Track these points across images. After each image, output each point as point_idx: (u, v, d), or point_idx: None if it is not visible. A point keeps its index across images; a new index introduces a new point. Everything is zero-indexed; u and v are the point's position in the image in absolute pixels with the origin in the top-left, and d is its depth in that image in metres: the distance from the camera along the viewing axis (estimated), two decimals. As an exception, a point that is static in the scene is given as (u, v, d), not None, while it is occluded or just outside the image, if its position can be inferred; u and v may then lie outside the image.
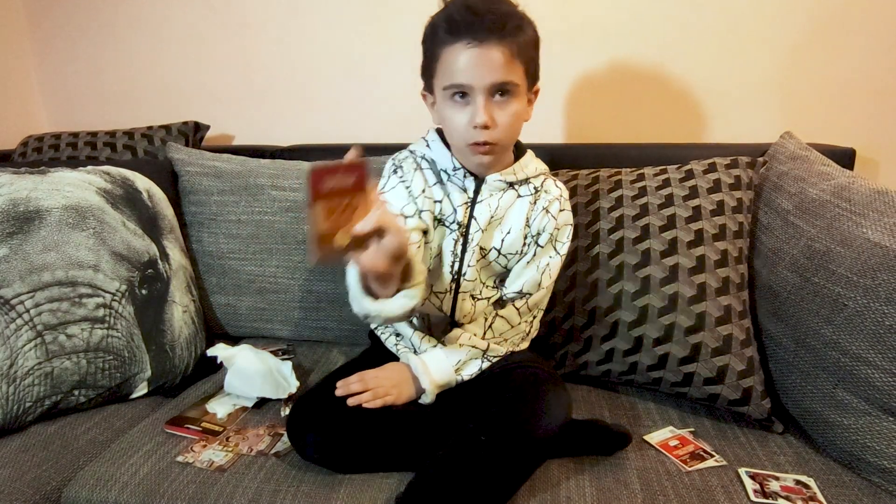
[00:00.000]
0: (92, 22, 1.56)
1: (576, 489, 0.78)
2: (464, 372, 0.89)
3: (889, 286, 0.77)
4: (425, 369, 0.88)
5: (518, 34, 0.80)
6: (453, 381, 0.89)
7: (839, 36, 1.21)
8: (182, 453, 0.86)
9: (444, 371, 0.89)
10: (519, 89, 0.82)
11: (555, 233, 0.91)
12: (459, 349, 0.89)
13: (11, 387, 0.92)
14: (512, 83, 0.81)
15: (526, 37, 0.81)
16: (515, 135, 0.88)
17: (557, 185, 0.95)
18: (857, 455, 0.80)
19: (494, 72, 0.79)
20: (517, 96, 0.82)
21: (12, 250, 0.95)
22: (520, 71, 0.81)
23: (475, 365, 0.90)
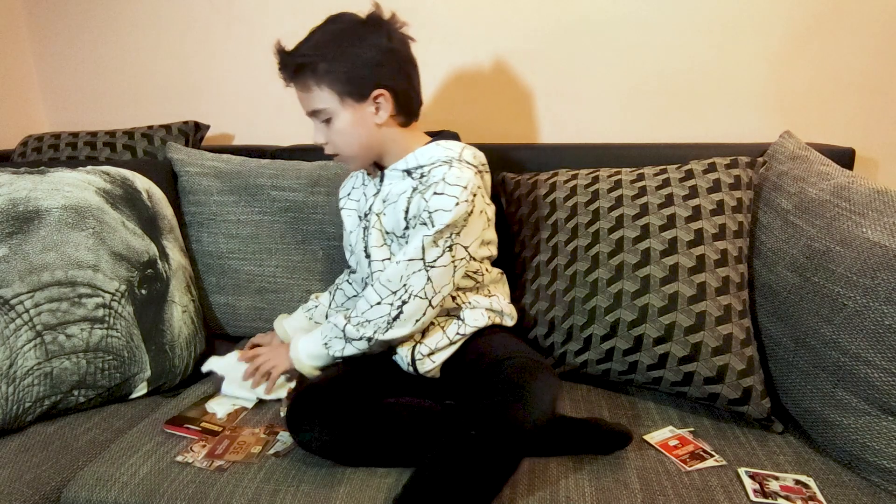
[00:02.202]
0: (92, 22, 1.56)
1: (575, 489, 0.78)
2: (332, 349, 0.94)
3: (889, 286, 0.77)
4: (295, 344, 0.97)
5: (305, 73, 0.90)
6: (324, 355, 0.95)
7: (839, 35, 1.21)
8: (182, 453, 0.86)
9: (311, 344, 0.96)
10: (332, 110, 0.92)
11: (425, 216, 0.89)
12: (326, 325, 0.96)
13: (11, 387, 0.92)
14: (321, 110, 0.92)
15: (318, 70, 0.90)
16: (355, 142, 0.94)
17: (448, 171, 0.89)
18: (856, 455, 0.80)
19: (304, 104, 0.95)
20: (337, 115, 0.92)
21: (12, 250, 0.95)
22: (326, 96, 0.91)
23: (338, 343, 0.93)
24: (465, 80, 1.39)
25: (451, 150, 0.93)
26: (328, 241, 1.23)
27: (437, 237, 0.88)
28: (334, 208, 1.22)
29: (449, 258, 0.89)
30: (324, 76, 0.90)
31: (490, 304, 0.98)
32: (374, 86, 0.91)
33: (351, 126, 0.92)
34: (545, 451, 0.85)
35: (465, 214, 0.89)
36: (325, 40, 0.91)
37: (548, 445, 0.85)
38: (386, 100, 0.92)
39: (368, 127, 0.93)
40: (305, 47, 0.91)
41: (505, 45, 1.36)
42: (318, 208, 1.22)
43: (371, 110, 0.92)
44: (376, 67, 0.90)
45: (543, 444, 0.85)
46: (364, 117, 0.92)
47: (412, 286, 0.89)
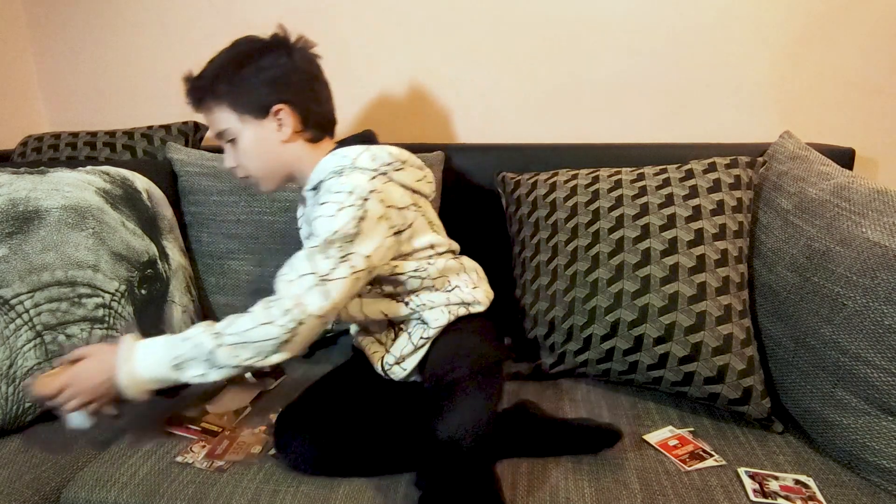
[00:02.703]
0: (92, 22, 1.56)
1: (575, 489, 0.78)
2: (186, 372, 0.79)
3: (888, 285, 0.77)
4: (129, 356, 0.80)
5: (208, 95, 0.90)
6: (171, 380, 0.80)
7: (839, 36, 1.21)
8: (182, 453, 0.86)
9: (154, 364, 0.80)
10: (234, 129, 0.90)
11: (313, 226, 0.84)
12: (183, 343, 0.80)
13: (11, 387, 0.92)
14: (224, 131, 0.91)
15: (217, 91, 0.89)
16: (260, 161, 0.92)
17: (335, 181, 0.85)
18: (856, 454, 0.80)
19: (210, 128, 0.94)
20: (240, 135, 0.90)
21: (12, 250, 0.95)
22: (225, 116, 0.90)
23: (198, 368, 0.79)
24: (465, 79, 1.39)
25: (345, 157, 0.87)
26: (328, 241, 1.22)
27: (325, 247, 0.80)
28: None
29: (347, 269, 0.80)
30: (223, 97, 0.89)
31: (448, 299, 0.92)
32: (273, 101, 0.88)
33: (254, 144, 0.90)
34: (533, 452, 0.85)
35: (354, 221, 0.81)
36: (224, 62, 0.90)
37: (536, 447, 0.85)
38: (287, 115, 0.89)
39: (273, 144, 0.90)
40: (206, 71, 0.91)
41: (505, 44, 1.35)
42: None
43: (273, 126, 0.89)
44: (276, 84, 0.89)
45: (533, 446, 0.85)
46: (267, 135, 0.90)
47: (308, 304, 0.78)
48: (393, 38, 1.41)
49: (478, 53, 1.37)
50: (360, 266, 0.82)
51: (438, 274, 0.93)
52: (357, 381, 0.95)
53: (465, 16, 1.36)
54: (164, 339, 0.82)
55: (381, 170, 0.87)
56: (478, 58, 1.38)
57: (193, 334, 0.80)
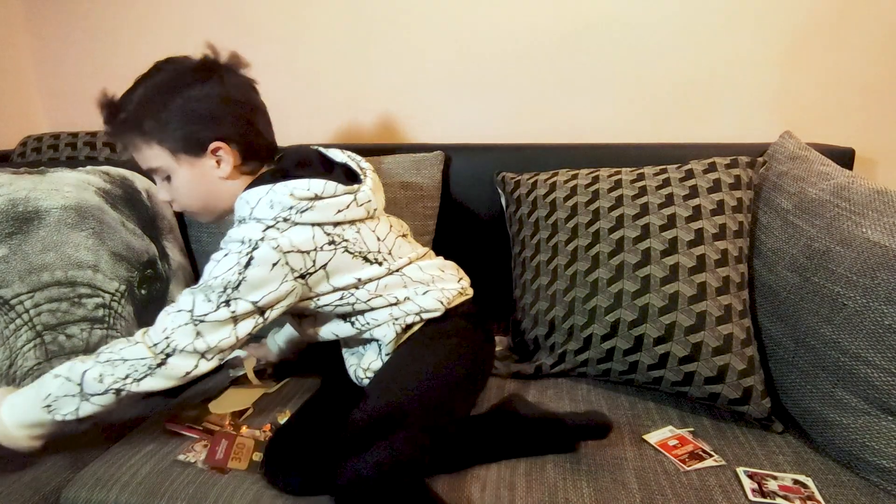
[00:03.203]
0: (91, 22, 1.56)
1: (573, 489, 0.78)
2: (59, 411, 0.77)
3: (888, 285, 0.77)
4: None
5: (130, 131, 0.84)
6: (47, 422, 0.78)
7: (839, 36, 1.21)
8: (183, 452, 0.86)
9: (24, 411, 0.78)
10: (168, 167, 0.85)
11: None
12: (53, 381, 0.77)
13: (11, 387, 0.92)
14: (157, 168, 0.86)
15: (145, 128, 0.83)
16: (199, 198, 0.88)
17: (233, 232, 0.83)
18: (855, 454, 0.80)
19: (139, 162, 0.87)
20: (174, 173, 0.86)
21: (11, 250, 0.95)
22: (157, 154, 0.84)
23: (70, 404, 0.77)
24: (465, 80, 1.39)
25: (248, 203, 0.83)
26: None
27: (205, 290, 0.78)
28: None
29: (226, 313, 0.78)
30: (152, 134, 0.83)
31: (391, 313, 0.88)
32: (211, 139, 0.84)
33: (191, 183, 0.86)
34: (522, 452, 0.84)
35: (238, 268, 0.78)
36: (150, 94, 0.83)
37: (524, 447, 0.85)
38: (226, 152, 0.85)
39: (211, 181, 0.86)
40: (130, 102, 0.83)
41: (505, 45, 1.35)
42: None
43: (212, 164, 0.85)
44: (210, 119, 0.83)
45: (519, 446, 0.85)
46: (205, 171, 0.85)
47: (175, 340, 0.77)
48: (392, 38, 1.41)
49: (478, 54, 1.37)
50: (242, 310, 0.78)
51: (370, 296, 0.87)
52: (343, 400, 0.91)
53: (465, 16, 1.36)
54: (35, 382, 0.79)
55: (280, 216, 0.81)
56: (478, 58, 1.38)
57: (64, 366, 0.78)
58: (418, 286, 0.91)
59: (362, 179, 0.92)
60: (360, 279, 0.86)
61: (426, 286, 0.91)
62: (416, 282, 0.91)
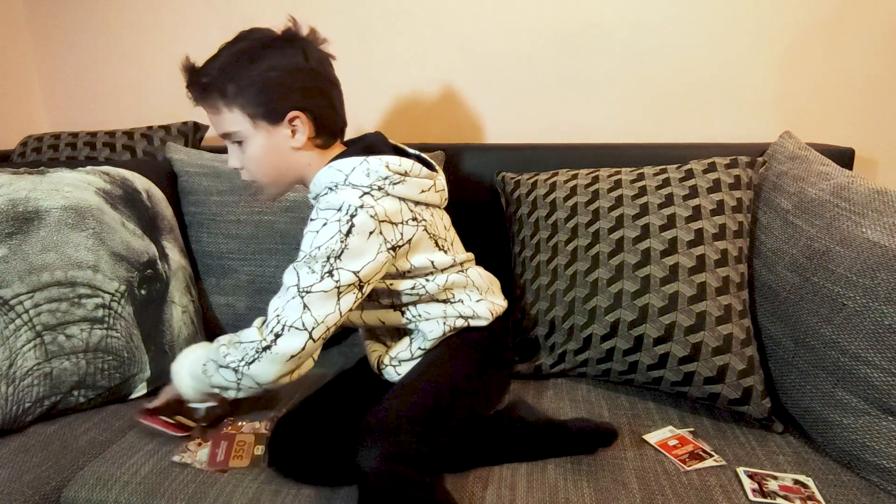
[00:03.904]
0: (91, 22, 1.56)
1: (574, 489, 0.78)
2: (212, 378, 0.83)
3: (888, 285, 0.77)
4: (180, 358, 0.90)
5: (213, 94, 0.84)
6: (205, 386, 0.85)
7: (838, 36, 1.21)
8: (178, 453, 0.86)
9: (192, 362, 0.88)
10: (244, 133, 0.85)
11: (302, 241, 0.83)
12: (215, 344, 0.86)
13: (10, 387, 0.92)
14: (232, 133, 0.86)
15: (228, 92, 0.83)
16: (269, 168, 0.88)
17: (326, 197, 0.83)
18: (855, 454, 0.80)
19: (216, 125, 0.88)
20: (250, 139, 0.86)
21: (11, 251, 0.95)
22: (237, 118, 0.84)
23: (212, 368, 0.83)
24: (465, 80, 1.39)
25: (340, 171, 0.84)
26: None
27: (308, 261, 0.79)
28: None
29: (331, 283, 0.78)
30: (234, 98, 0.83)
31: (445, 311, 0.91)
32: (289, 108, 0.84)
33: (265, 150, 0.86)
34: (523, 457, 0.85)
35: (339, 236, 0.78)
36: (233, 60, 0.84)
37: (526, 452, 0.85)
38: (302, 122, 0.85)
39: (284, 151, 0.87)
40: (213, 67, 0.84)
41: (506, 45, 1.36)
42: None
43: (287, 133, 0.85)
44: (290, 88, 0.84)
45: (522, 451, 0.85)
46: (279, 141, 0.86)
47: (286, 316, 0.78)
48: (393, 38, 1.41)
49: (478, 54, 1.37)
50: (345, 281, 0.79)
51: (438, 290, 0.90)
52: (355, 391, 0.93)
53: (466, 17, 1.36)
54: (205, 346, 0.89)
55: (376, 185, 0.83)
56: (478, 58, 1.38)
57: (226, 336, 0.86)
58: (474, 292, 0.95)
59: (437, 170, 0.95)
60: (433, 262, 0.89)
61: (480, 294, 0.95)
62: (475, 286, 0.95)
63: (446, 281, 0.91)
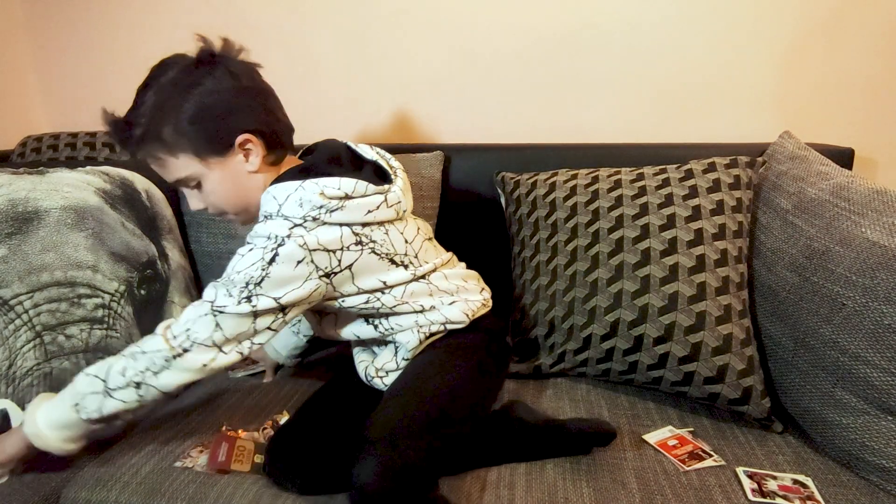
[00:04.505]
0: (90, 22, 1.56)
1: (573, 489, 0.78)
2: (84, 409, 0.76)
3: (888, 285, 0.77)
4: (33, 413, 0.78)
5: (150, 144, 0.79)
6: (76, 422, 0.77)
7: (838, 36, 1.21)
8: (180, 459, 0.86)
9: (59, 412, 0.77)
10: (197, 174, 0.82)
11: None
12: (84, 377, 0.77)
13: (10, 387, 0.92)
14: (183, 179, 0.83)
15: (165, 137, 0.79)
16: (233, 198, 0.85)
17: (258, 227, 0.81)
18: (855, 454, 0.80)
19: (164, 175, 0.84)
20: (205, 178, 0.82)
21: (11, 251, 0.95)
22: (184, 163, 0.81)
23: (94, 401, 0.76)
24: (465, 80, 1.39)
25: (275, 199, 0.80)
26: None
27: (227, 284, 0.77)
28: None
29: (247, 308, 0.76)
30: (174, 142, 0.78)
31: (416, 321, 0.87)
32: (236, 133, 0.80)
33: (223, 184, 0.82)
34: (521, 457, 0.84)
35: (263, 262, 0.76)
36: (160, 100, 0.78)
37: (524, 452, 0.84)
38: (254, 144, 0.82)
39: (242, 177, 0.83)
40: (140, 114, 0.79)
41: (506, 45, 1.35)
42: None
43: (240, 159, 0.82)
44: (230, 113, 0.79)
45: (520, 451, 0.85)
46: (235, 169, 0.82)
47: (196, 333, 0.75)
48: (392, 37, 1.41)
49: (477, 54, 1.37)
50: (263, 306, 0.76)
51: (396, 302, 0.86)
52: (351, 398, 0.91)
53: (465, 16, 1.36)
54: (71, 383, 0.78)
55: (309, 215, 0.79)
56: (478, 58, 1.38)
57: (98, 364, 0.78)
58: (444, 296, 0.90)
59: (392, 179, 0.89)
60: (385, 282, 0.84)
61: (451, 296, 0.90)
62: (443, 291, 0.90)
63: (403, 292, 0.86)
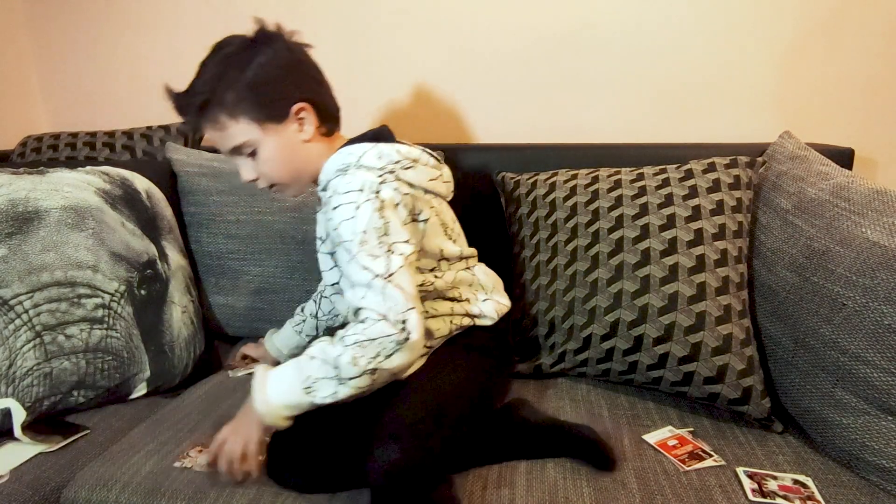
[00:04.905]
0: (91, 22, 1.56)
1: (573, 489, 0.78)
2: (317, 393, 0.74)
3: (888, 285, 0.77)
4: (262, 385, 0.77)
5: (213, 109, 0.82)
6: (305, 404, 0.75)
7: (838, 35, 1.21)
8: (179, 459, 0.86)
9: (287, 390, 0.76)
10: (255, 140, 0.84)
11: (334, 235, 0.80)
12: (310, 363, 0.75)
13: (10, 387, 0.92)
14: (243, 144, 0.84)
15: (227, 102, 0.82)
16: (287, 167, 0.87)
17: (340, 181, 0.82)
18: (855, 454, 0.80)
19: (220, 144, 0.86)
20: (261, 145, 0.84)
21: (11, 251, 0.95)
22: (244, 128, 0.83)
23: (328, 387, 0.74)
24: (465, 80, 1.39)
25: (350, 154, 0.84)
26: (328, 241, 1.23)
27: (366, 248, 0.77)
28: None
29: (399, 260, 0.77)
30: (236, 107, 0.82)
31: (452, 309, 0.90)
32: (293, 101, 0.84)
33: (279, 151, 0.85)
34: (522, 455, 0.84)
35: (376, 213, 0.78)
36: (222, 70, 0.82)
37: (524, 450, 0.85)
38: (308, 113, 0.86)
39: (296, 147, 0.86)
40: (203, 83, 0.82)
41: (506, 45, 1.35)
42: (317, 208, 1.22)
43: (295, 128, 0.85)
44: (288, 82, 0.84)
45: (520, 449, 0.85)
46: (289, 138, 0.85)
47: (395, 304, 0.74)
48: (392, 38, 1.41)
49: (477, 53, 1.37)
50: (406, 251, 0.79)
51: (446, 286, 0.90)
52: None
53: (464, 16, 1.36)
54: (293, 363, 0.77)
55: (387, 168, 0.84)
56: (478, 58, 1.38)
57: (317, 349, 0.76)
58: (480, 291, 0.95)
59: (443, 164, 0.96)
60: (443, 251, 0.90)
61: (486, 293, 0.95)
62: (481, 285, 0.96)
63: (454, 278, 0.91)
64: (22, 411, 0.92)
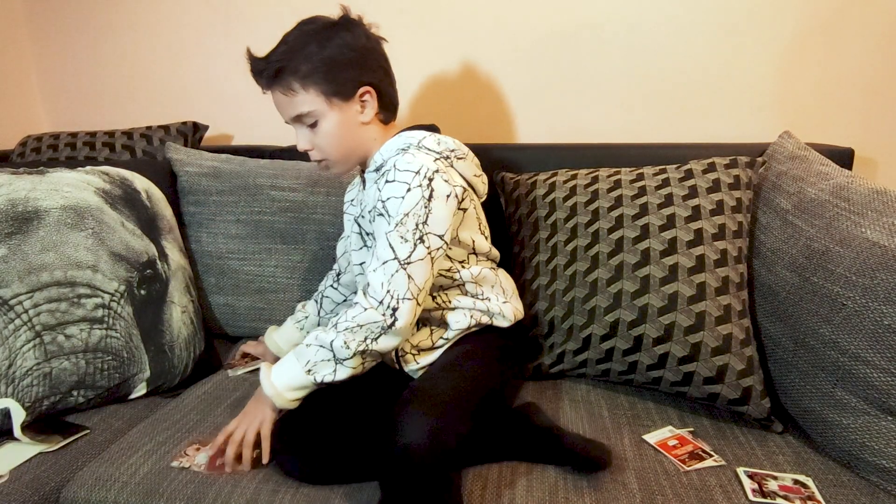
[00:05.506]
0: (91, 22, 1.56)
1: (573, 489, 0.78)
2: (318, 374, 0.83)
3: (888, 285, 0.77)
4: (268, 374, 0.85)
5: (287, 75, 0.88)
6: (309, 384, 0.83)
7: (838, 35, 1.21)
8: (176, 458, 0.86)
9: (291, 375, 0.83)
10: (319, 112, 0.89)
11: (380, 206, 0.86)
12: (307, 350, 0.84)
13: (10, 387, 0.92)
14: (306, 114, 0.89)
15: (302, 72, 0.87)
16: (342, 143, 0.92)
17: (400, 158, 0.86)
18: (855, 454, 0.80)
19: (286, 109, 0.91)
20: (323, 117, 0.90)
21: (11, 251, 0.95)
22: (312, 98, 0.88)
23: (327, 367, 0.83)
24: (467, 81, 1.39)
25: (411, 138, 0.91)
26: (327, 241, 1.23)
27: (401, 230, 0.83)
28: (333, 208, 1.22)
29: (423, 251, 0.83)
30: (308, 77, 0.87)
31: (474, 304, 0.94)
32: (360, 84, 0.90)
33: (338, 127, 0.90)
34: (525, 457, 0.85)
35: (424, 200, 0.84)
36: (302, 43, 0.88)
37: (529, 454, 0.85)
38: (371, 97, 0.91)
39: (355, 126, 0.92)
40: (283, 50, 0.89)
41: (505, 46, 1.35)
42: (317, 208, 1.22)
43: (357, 109, 0.91)
44: (358, 66, 0.90)
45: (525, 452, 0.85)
46: (350, 117, 0.91)
47: (397, 290, 0.82)
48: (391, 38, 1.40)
49: (477, 54, 1.37)
50: (434, 245, 0.84)
51: (471, 279, 0.94)
52: (363, 386, 0.93)
53: (464, 17, 1.36)
54: (293, 352, 0.86)
55: (444, 154, 0.90)
56: (477, 58, 1.38)
57: (311, 337, 0.84)
58: (501, 293, 0.99)
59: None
60: (474, 243, 0.95)
61: (506, 297, 0.99)
62: (502, 288, 0.99)
63: (479, 273, 0.95)
64: (21, 411, 0.92)
